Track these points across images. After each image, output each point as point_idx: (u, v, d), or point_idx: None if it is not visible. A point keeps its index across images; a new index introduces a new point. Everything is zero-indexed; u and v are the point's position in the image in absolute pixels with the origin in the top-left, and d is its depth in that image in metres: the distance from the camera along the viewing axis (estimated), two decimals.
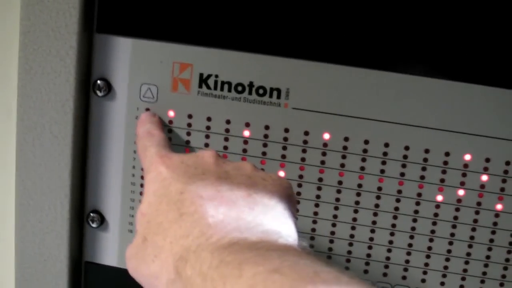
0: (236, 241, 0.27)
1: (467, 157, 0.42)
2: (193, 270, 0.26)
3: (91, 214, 0.45)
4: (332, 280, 0.23)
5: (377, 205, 0.43)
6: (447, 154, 0.42)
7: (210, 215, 0.29)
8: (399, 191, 0.42)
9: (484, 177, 0.42)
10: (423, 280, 0.44)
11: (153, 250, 0.30)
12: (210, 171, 0.33)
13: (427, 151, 0.42)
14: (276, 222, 0.30)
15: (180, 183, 0.32)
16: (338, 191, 0.43)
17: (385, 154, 0.42)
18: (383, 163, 0.42)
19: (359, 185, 0.43)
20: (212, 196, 0.30)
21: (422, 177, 0.42)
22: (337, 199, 0.43)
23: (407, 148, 0.42)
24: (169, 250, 0.29)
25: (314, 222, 0.44)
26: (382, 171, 0.42)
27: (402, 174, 0.42)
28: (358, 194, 0.43)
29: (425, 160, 0.42)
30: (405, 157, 0.42)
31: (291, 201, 0.33)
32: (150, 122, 0.41)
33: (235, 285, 0.24)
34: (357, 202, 0.43)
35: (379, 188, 0.43)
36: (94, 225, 0.45)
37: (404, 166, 0.42)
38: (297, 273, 0.23)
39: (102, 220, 0.45)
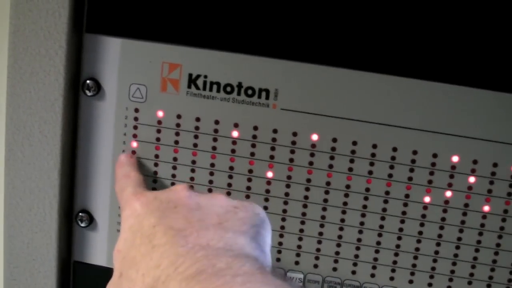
0: (204, 269, 0.27)
1: (455, 158, 0.42)
2: None
3: (80, 213, 0.45)
4: None
5: (365, 206, 0.43)
6: (434, 155, 0.42)
7: (180, 245, 0.29)
8: (387, 192, 0.43)
9: (472, 179, 0.42)
10: (411, 281, 0.44)
11: (128, 284, 0.30)
12: (182, 204, 0.34)
13: (415, 152, 0.42)
14: (246, 247, 0.30)
15: (153, 217, 0.32)
16: (326, 192, 0.43)
17: (373, 155, 0.42)
18: (371, 164, 0.42)
19: (347, 186, 0.43)
20: (183, 227, 0.31)
21: (410, 178, 0.42)
22: (325, 200, 0.43)
23: (395, 149, 0.42)
24: (141, 282, 0.29)
25: (302, 223, 0.44)
26: (370, 172, 0.42)
27: (390, 175, 0.42)
28: (346, 195, 0.43)
29: (413, 161, 0.42)
30: (393, 158, 0.42)
31: (264, 227, 0.33)
32: (128, 164, 0.42)
33: None
34: (345, 203, 0.43)
35: (367, 189, 0.43)
36: (83, 224, 0.45)
37: (392, 167, 0.42)
38: None
39: (91, 220, 0.45)
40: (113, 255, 0.34)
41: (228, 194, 0.44)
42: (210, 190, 0.44)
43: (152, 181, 0.44)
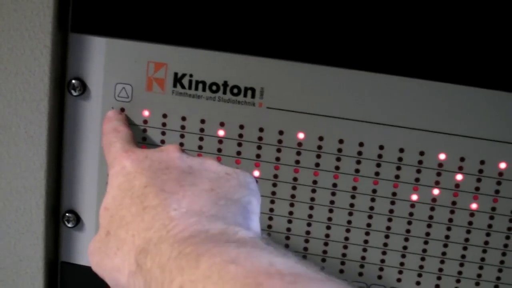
0: (197, 234, 0.27)
1: (442, 156, 0.42)
2: (152, 262, 0.26)
3: (67, 214, 0.45)
4: (287, 270, 0.23)
5: (352, 205, 0.43)
6: (421, 153, 0.42)
7: (173, 208, 0.29)
8: (374, 191, 0.42)
9: (459, 177, 0.42)
10: (399, 280, 0.44)
11: (116, 243, 0.30)
12: (174, 166, 0.33)
13: (401, 150, 0.42)
14: (238, 216, 0.30)
15: (144, 177, 0.32)
16: (313, 191, 0.43)
17: (359, 153, 0.42)
18: (358, 162, 0.42)
19: (334, 185, 0.43)
20: (175, 190, 0.31)
21: (397, 177, 0.42)
22: (312, 199, 0.43)
23: (381, 147, 0.42)
24: (131, 242, 0.29)
25: (289, 221, 0.44)
26: (357, 171, 0.42)
27: (377, 174, 0.42)
28: (333, 194, 0.43)
29: (400, 159, 0.42)
30: (379, 156, 0.42)
31: (254, 195, 0.33)
32: (116, 119, 0.41)
33: (192, 276, 0.24)
34: (332, 202, 0.43)
35: (354, 188, 0.43)
36: (69, 225, 0.45)
37: (378, 165, 0.42)
38: (253, 263, 0.23)
39: (77, 220, 0.45)
40: (100, 212, 0.33)
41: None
42: None
43: None
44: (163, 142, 0.43)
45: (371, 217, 0.43)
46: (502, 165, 0.41)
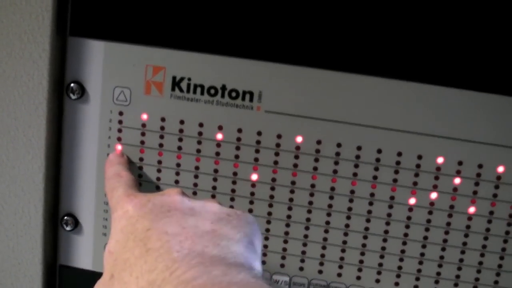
0: (199, 275, 0.27)
1: (440, 160, 0.42)
2: None
3: (65, 217, 0.45)
4: None
5: (350, 208, 0.43)
6: (419, 157, 0.42)
7: (175, 250, 0.29)
8: (372, 194, 0.42)
9: (457, 180, 0.42)
10: (396, 284, 0.44)
11: (120, 286, 0.30)
12: (176, 208, 0.33)
13: (399, 154, 0.42)
14: (240, 256, 0.30)
15: (146, 220, 0.32)
16: (311, 194, 0.43)
17: (357, 157, 0.42)
18: (356, 166, 0.42)
19: (332, 188, 0.43)
20: (177, 232, 0.31)
21: (395, 180, 0.42)
22: (310, 202, 0.43)
23: (379, 151, 0.42)
24: (135, 284, 0.29)
25: (287, 225, 0.44)
26: (355, 174, 0.42)
27: (375, 177, 0.42)
28: (331, 198, 0.43)
29: (398, 163, 0.42)
30: (377, 160, 0.42)
31: (256, 235, 0.33)
32: (118, 163, 0.42)
33: None
34: (330, 205, 0.43)
35: (352, 192, 0.43)
36: (68, 228, 0.45)
37: (376, 169, 0.42)
38: None
39: (76, 224, 0.45)
40: (104, 256, 0.33)
41: (213, 196, 0.44)
42: (195, 193, 0.44)
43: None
44: (161, 145, 0.43)
45: (369, 220, 0.43)
46: (500, 169, 0.41)
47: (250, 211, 0.43)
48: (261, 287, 0.26)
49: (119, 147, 0.43)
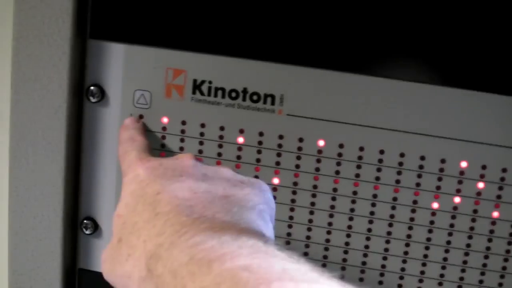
0: (208, 239, 0.26)
1: (463, 164, 0.41)
2: (164, 268, 0.26)
3: (85, 221, 0.45)
4: (300, 278, 0.22)
5: (372, 213, 0.42)
6: (443, 161, 0.41)
7: (185, 214, 0.29)
8: (395, 199, 0.42)
9: (481, 184, 0.41)
10: None
11: (127, 249, 0.30)
12: (188, 173, 0.33)
13: (422, 158, 0.41)
14: (252, 223, 0.30)
15: (157, 184, 0.32)
16: (333, 199, 0.42)
17: (380, 161, 0.41)
18: (378, 170, 0.42)
19: (354, 192, 0.42)
20: (188, 197, 0.30)
21: (418, 184, 0.42)
22: (332, 207, 0.43)
23: (402, 155, 0.41)
24: (142, 248, 0.28)
25: (309, 229, 0.43)
26: (378, 178, 0.42)
27: (398, 181, 0.42)
28: (353, 202, 0.42)
29: (421, 167, 0.41)
30: (400, 164, 0.41)
31: (269, 204, 0.33)
32: (133, 128, 0.41)
33: (203, 282, 0.23)
34: (352, 210, 0.42)
35: (375, 196, 0.42)
36: (87, 232, 0.45)
37: (399, 173, 0.42)
38: (265, 270, 0.23)
39: (95, 227, 0.45)
40: (113, 219, 0.33)
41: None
42: None
43: None
44: (182, 149, 0.43)
45: (392, 225, 0.43)
46: None
47: None
48: (270, 252, 0.25)
49: None
